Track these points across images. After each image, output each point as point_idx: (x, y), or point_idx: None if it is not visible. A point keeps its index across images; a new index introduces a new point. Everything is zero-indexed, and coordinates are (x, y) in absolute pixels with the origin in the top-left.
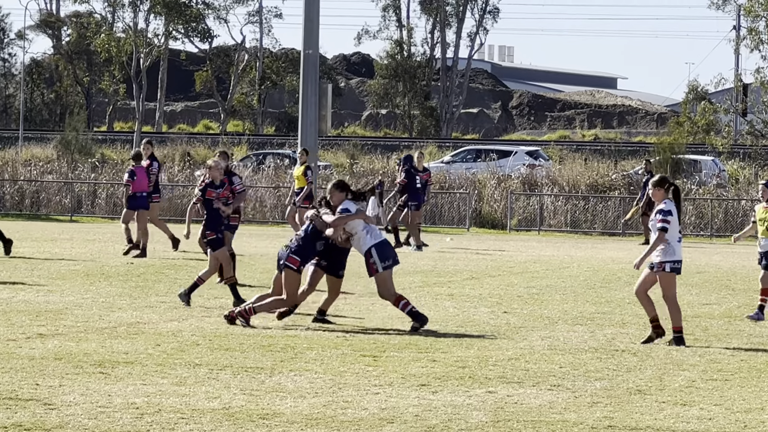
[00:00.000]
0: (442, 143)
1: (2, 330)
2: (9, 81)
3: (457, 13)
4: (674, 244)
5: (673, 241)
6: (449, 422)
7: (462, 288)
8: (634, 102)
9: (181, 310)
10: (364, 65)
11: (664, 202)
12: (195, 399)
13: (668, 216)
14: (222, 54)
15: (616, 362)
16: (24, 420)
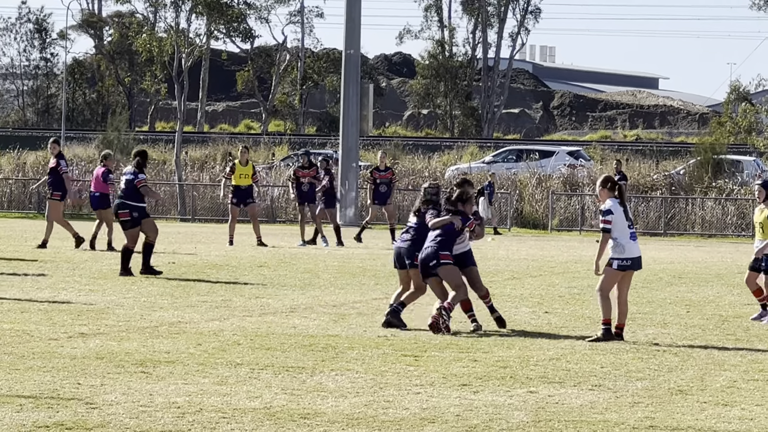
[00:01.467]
0: (483, 143)
1: (44, 329)
2: (51, 81)
3: (499, 13)
4: (624, 241)
5: (623, 238)
6: (490, 422)
7: (503, 288)
8: (675, 102)
9: (222, 310)
10: (405, 65)
11: (608, 201)
12: (236, 398)
13: (608, 216)
14: (263, 54)
15: (658, 362)
16: (66, 419)
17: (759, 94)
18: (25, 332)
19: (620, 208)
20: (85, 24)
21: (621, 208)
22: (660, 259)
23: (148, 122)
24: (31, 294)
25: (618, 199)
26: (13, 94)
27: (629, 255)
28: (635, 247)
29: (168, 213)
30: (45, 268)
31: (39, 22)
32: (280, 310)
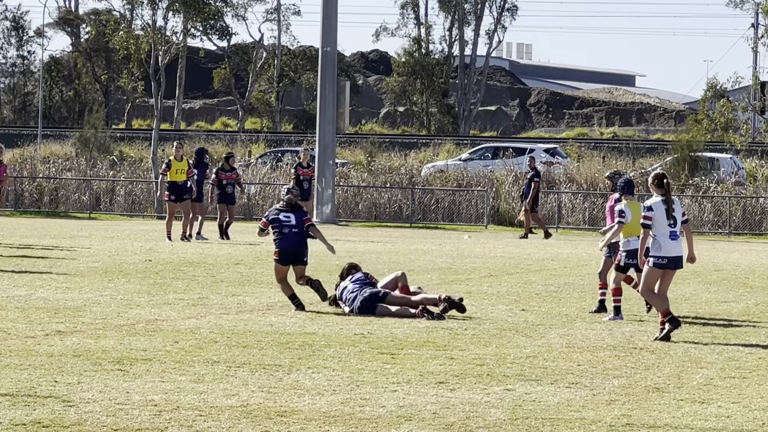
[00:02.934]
0: (460, 141)
1: (21, 327)
2: (28, 78)
3: (476, 10)
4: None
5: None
6: (467, 420)
7: (480, 285)
8: (652, 99)
9: (199, 308)
10: (382, 63)
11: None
12: (213, 396)
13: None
14: (240, 51)
15: (635, 360)
16: (43, 417)
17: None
18: (2, 330)
19: (663, 206)
20: (62, 21)
21: (664, 206)
22: None
23: (125, 120)
24: (8, 291)
25: (664, 197)
26: None
27: (665, 254)
28: (674, 247)
29: (145, 211)
30: (21, 266)
31: (16, 19)
32: (256, 307)
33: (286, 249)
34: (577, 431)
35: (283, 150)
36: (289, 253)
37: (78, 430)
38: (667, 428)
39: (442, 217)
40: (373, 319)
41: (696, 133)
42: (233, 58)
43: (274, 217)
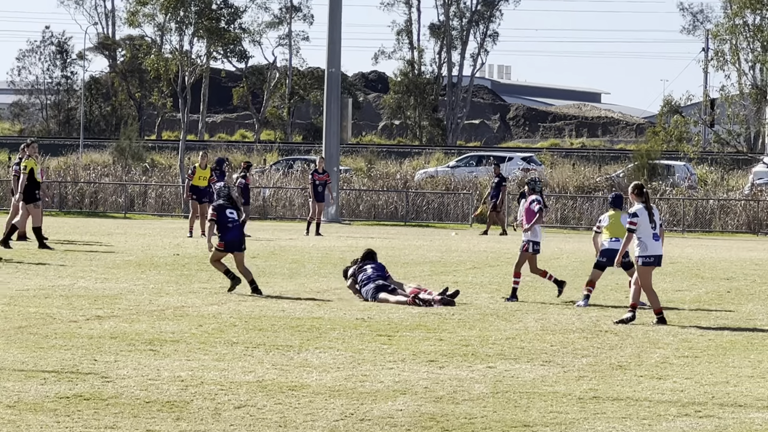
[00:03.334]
0: (448, 150)
1: (65, 312)
2: (71, 96)
3: (462, 36)
4: (647, 240)
5: (646, 238)
6: (454, 393)
7: (465, 276)
8: (616, 114)
9: (220, 296)
10: (380, 82)
11: (636, 206)
12: (233, 373)
13: (634, 218)
14: (256, 72)
15: (600, 341)
16: (84, 391)
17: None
18: (49, 315)
19: (645, 212)
20: (100, 46)
21: (646, 212)
22: None
23: (156, 132)
24: (54, 281)
25: (645, 204)
26: (38, 107)
27: (651, 252)
28: (657, 246)
29: (173, 211)
30: (65, 259)
31: (61, 44)
32: (270, 295)
33: (231, 240)
34: (550, 403)
35: (294, 158)
36: (234, 243)
37: (115, 403)
38: (628, 401)
39: (432, 217)
40: (372, 305)
41: (654, 144)
42: (250, 78)
43: (221, 212)
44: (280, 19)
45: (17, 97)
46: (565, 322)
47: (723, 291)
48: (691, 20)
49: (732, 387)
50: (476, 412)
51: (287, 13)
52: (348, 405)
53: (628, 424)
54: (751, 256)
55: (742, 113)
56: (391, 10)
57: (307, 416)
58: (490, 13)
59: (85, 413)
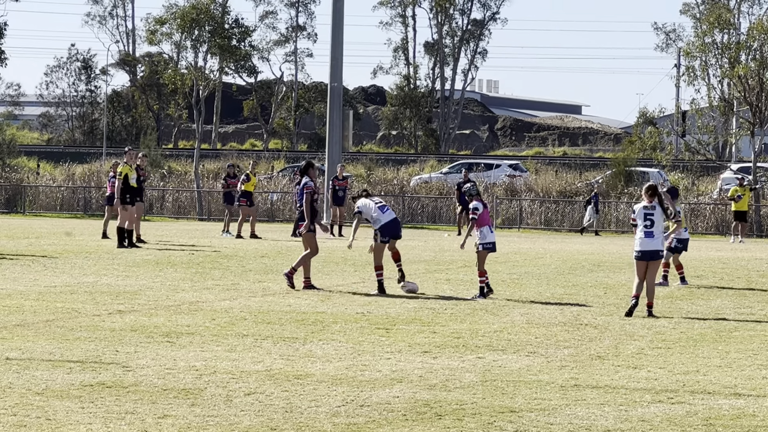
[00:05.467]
0: (441, 158)
1: (89, 307)
2: (95, 108)
3: (454, 53)
4: (638, 237)
5: (638, 235)
6: (447, 382)
7: (457, 274)
8: (595, 125)
9: (232, 292)
10: (378, 95)
11: (638, 204)
12: (243, 363)
13: (633, 215)
14: (265, 86)
15: (581, 334)
16: (106, 379)
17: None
18: (74, 309)
19: (643, 211)
20: (122, 62)
21: (644, 211)
22: (582, 251)
23: (173, 141)
24: (79, 278)
25: (652, 204)
26: (64, 118)
27: (640, 248)
28: (648, 242)
29: (188, 214)
30: (90, 257)
31: (85, 60)
32: (278, 292)
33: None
34: (535, 391)
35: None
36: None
37: (135, 390)
38: (606, 388)
39: (426, 219)
40: (371, 300)
41: (630, 152)
42: (259, 91)
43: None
44: (287, 38)
45: (45, 108)
46: (549, 317)
47: (693, 287)
48: (664, 39)
49: (702, 376)
50: (467, 399)
51: (293, 32)
52: (349, 392)
53: (606, 410)
54: (719, 256)
55: (711, 124)
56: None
57: (312, 402)
58: (480, 32)
59: (108, 400)
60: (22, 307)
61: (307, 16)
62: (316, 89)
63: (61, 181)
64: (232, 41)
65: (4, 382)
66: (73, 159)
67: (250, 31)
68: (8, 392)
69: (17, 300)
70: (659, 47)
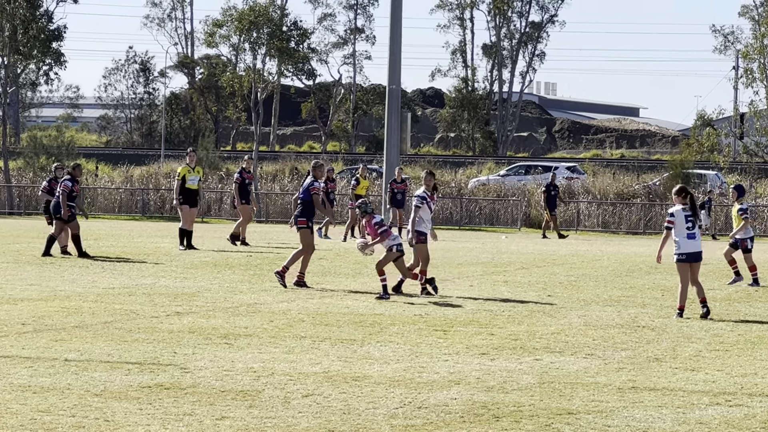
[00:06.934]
0: (499, 160)
1: (147, 309)
2: (153, 110)
3: (512, 56)
4: (680, 239)
5: (680, 237)
6: (504, 384)
7: (514, 276)
8: (653, 127)
9: (290, 294)
10: (436, 97)
11: (675, 206)
12: (301, 364)
13: (671, 217)
14: (323, 88)
15: (638, 336)
16: (164, 381)
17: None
18: (132, 311)
19: (683, 213)
20: (180, 65)
21: (684, 213)
22: (640, 253)
23: (231, 143)
24: (137, 280)
25: (686, 205)
26: (123, 120)
27: (684, 250)
28: (691, 244)
29: None
30: (148, 259)
31: (143, 63)
32: (336, 293)
33: None
34: (592, 393)
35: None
36: None
37: (192, 392)
38: (664, 391)
39: (484, 221)
40: (430, 301)
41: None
42: (317, 93)
43: None
44: (345, 40)
45: (104, 111)
46: (606, 319)
47: (752, 290)
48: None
49: (760, 378)
50: (524, 401)
51: (352, 34)
52: (407, 394)
53: (664, 412)
54: None
55: None
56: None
57: (369, 404)
58: (538, 35)
59: (166, 401)
60: (81, 308)
61: (365, 19)
62: (375, 91)
63: (119, 183)
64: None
65: (63, 384)
66: (131, 161)
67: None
68: (67, 393)
69: (76, 302)
70: (717, 49)
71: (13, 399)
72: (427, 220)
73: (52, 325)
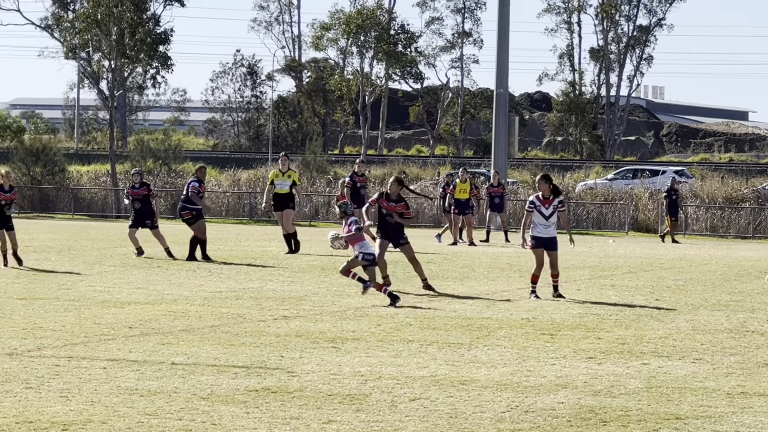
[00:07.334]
0: (606, 164)
1: (254, 312)
2: (260, 113)
3: (619, 59)
4: None
5: None
6: (611, 388)
7: (622, 280)
8: (762, 131)
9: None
10: (543, 101)
11: None
12: (408, 368)
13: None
14: (431, 92)
15: (747, 341)
16: (271, 384)
17: None
18: (239, 315)
19: None
20: (287, 68)
21: None
22: (749, 257)
23: (338, 147)
24: (244, 284)
25: None
26: (230, 124)
27: None
28: None
29: None
30: (255, 262)
31: (251, 66)
32: (443, 297)
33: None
34: (701, 398)
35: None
36: None
37: (299, 395)
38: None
39: (591, 225)
40: (536, 306)
41: None
42: (425, 97)
43: None
44: (453, 44)
45: (211, 114)
46: (714, 323)
47: None
48: None
49: None
50: (632, 405)
51: (459, 38)
52: (514, 398)
53: None
54: None
55: None
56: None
57: (476, 408)
58: (646, 39)
59: (272, 405)
60: (188, 312)
61: (473, 23)
62: (482, 95)
63: (226, 186)
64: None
65: (170, 387)
66: (238, 165)
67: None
68: (174, 397)
69: (183, 305)
70: None
71: (120, 402)
72: (541, 224)
73: (159, 329)
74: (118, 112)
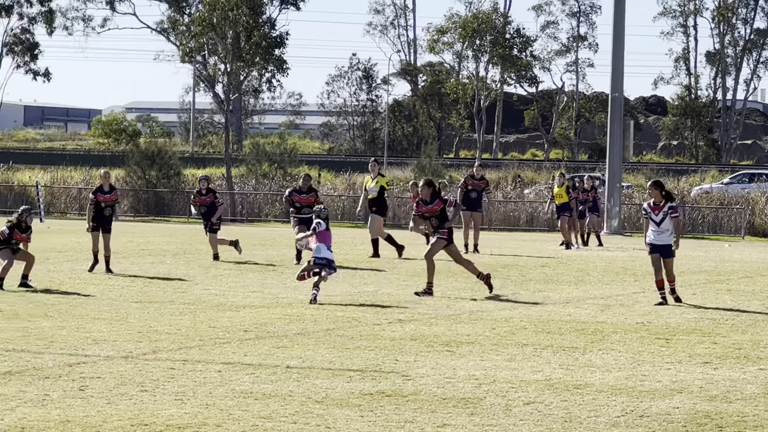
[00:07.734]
0: (722, 168)
1: (369, 316)
2: (375, 117)
3: (736, 63)
4: None
5: None
6: (727, 393)
7: (738, 285)
8: None
9: (511, 302)
10: (659, 105)
11: None
12: (522, 372)
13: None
14: (546, 96)
15: None
16: (386, 388)
17: None
18: (354, 318)
19: None
20: (403, 72)
21: None
22: None
23: (454, 150)
24: (359, 288)
25: None
26: (345, 127)
27: None
28: None
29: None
30: (368, 266)
31: (366, 70)
32: (558, 301)
33: None
34: None
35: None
36: None
37: (414, 399)
38: None
39: (707, 230)
40: (651, 310)
41: None
42: (540, 101)
43: None
44: (568, 48)
45: (326, 118)
46: None
47: None
48: None
49: None
50: (748, 411)
51: (574, 42)
52: (628, 402)
53: None
54: None
55: None
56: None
57: (591, 412)
58: (763, 42)
59: (387, 408)
60: (303, 315)
61: (588, 26)
62: (597, 99)
63: (341, 190)
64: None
65: (285, 390)
66: (354, 168)
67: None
68: (288, 400)
69: (298, 309)
70: None
71: (235, 405)
72: (654, 230)
73: (274, 332)
74: (233, 115)
